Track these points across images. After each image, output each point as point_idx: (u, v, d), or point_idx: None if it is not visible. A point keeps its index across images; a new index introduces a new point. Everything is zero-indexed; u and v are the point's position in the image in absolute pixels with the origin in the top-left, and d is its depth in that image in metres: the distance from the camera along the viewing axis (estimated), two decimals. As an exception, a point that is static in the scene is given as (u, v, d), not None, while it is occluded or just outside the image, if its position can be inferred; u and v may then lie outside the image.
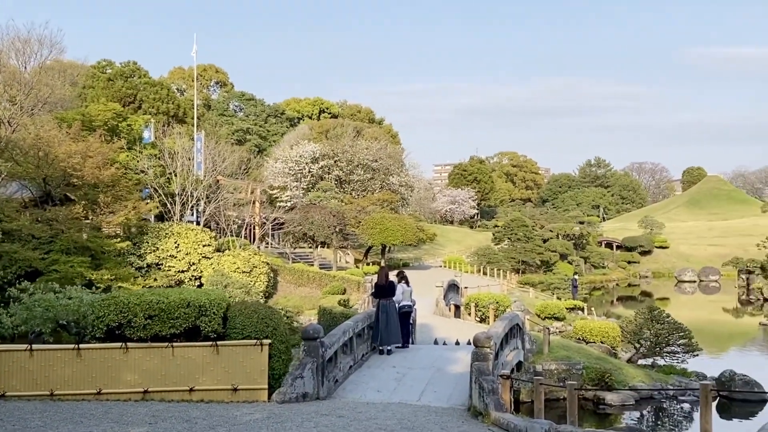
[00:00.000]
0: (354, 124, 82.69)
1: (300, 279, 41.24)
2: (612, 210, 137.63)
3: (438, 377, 14.55)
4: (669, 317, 23.84)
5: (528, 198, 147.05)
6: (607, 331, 24.53)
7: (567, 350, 21.35)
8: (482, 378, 11.94)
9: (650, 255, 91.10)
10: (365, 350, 16.33)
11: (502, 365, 15.33)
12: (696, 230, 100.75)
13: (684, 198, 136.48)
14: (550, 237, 75.35)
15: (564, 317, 34.35)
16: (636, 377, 20.66)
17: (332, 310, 23.86)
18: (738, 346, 36.34)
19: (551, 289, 48.07)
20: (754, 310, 51.66)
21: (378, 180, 68.13)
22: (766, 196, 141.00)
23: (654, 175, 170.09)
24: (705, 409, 8.54)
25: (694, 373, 22.47)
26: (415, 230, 57.03)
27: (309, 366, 13.04)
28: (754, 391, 20.00)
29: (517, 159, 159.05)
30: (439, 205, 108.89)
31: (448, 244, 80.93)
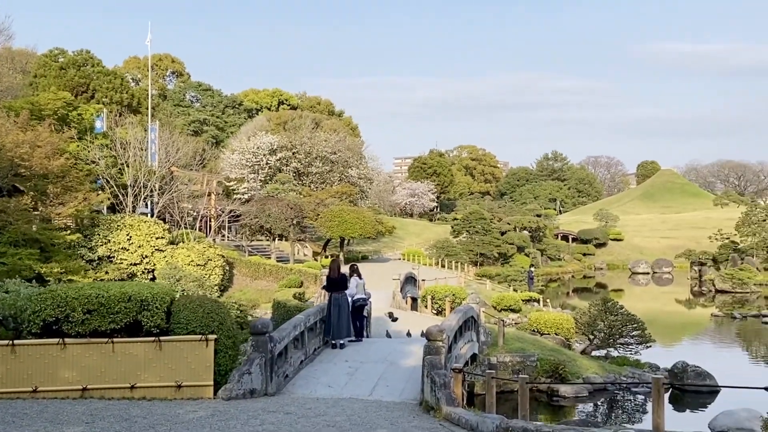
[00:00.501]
0: (313, 115, 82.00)
1: (256, 272, 40.67)
2: (568, 203, 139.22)
3: (391, 371, 14.29)
4: (623, 309, 23.95)
5: (487, 191, 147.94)
6: (562, 322, 24.57)
7: (522, 342, 21.29)
8: (434, 372, 11.70)
9: (605, 247, 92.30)
10: (317, 344, 16.00)
11: (455, 358, 15.14)
12: (650, 223, 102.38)
13: (638, 191, 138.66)
14: (507, 230, 75.80)
15: (520, 309, 34.41)
16: (590, 369, 20.68)
17: (286, 304, 23.47)
18: (690, 336, 36.88)
19: (508, 281, 48.25)
20: (706, 301, 52.59)
21: (337, 172, 67.63)
22: (718, 189, 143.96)
23: (609, 169, 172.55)
24: (657, 403, 8.40)
25: (648, 365, 22.61)
26: (374, 223, 56.68)
27: (257, 361, 12.67)
28: (706, 383, 20.16)
29: (476, 152, 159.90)
30: (399, 198, 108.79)
31: (407, 237, 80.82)
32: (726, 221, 77.04)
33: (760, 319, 38.28)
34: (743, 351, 32.20)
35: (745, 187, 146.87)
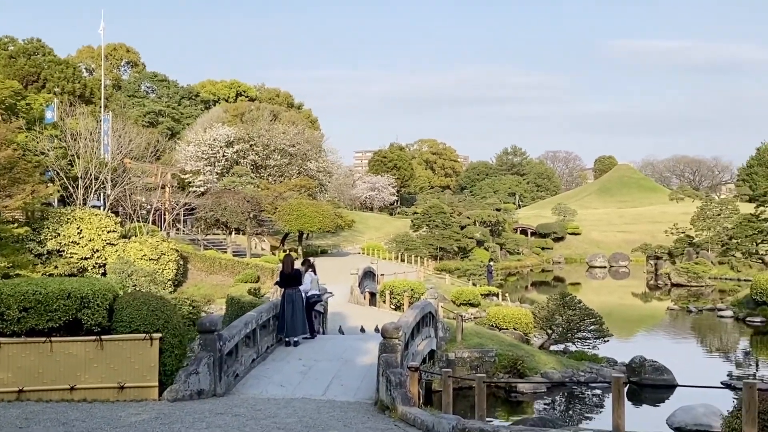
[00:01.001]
0: (271, 107, 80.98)
1: (212, 267, 39.88)
2: (527, 197, 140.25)
3: (346, 369, 13.86)
4: (580, 303, 23.89)
5: (447, 185, 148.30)
6: (520, 317, 24.42)
7: (480, 337, 21.06)
8: (389, 371, 11.32)
9: (563, 241, 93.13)
10: (270, 342, 15.48)
11: (412, 355, 14.78)
12: (607, 217, 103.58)
13: (595, 186, 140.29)
14: (467, 224, 75.92)
15: (479, 303, 34.28)
16: (548, 364, 20.53)
17: (240, 300, 22.87)
18: (647, 330, 37.18)
19: (467, 275, 48.17)
20: (662, 294, 53.24)
21: (295, 165, 66.91)
22: (673, 184, 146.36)
23: (567, 164, 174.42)
24: (618, 403, 8.12)
25: (605, 359, 22.57)
26: (333, 217, 56.23)
27: (205, 361, 12.13)
28: (664, 378, 20.14)
29: (436, 146, 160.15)
30: (359, 191, 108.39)
31: (367, 231, 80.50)
32: (681, 216, 78.22)
33: (715, 313, 38.76)
34: (699, 345, 32.54)
35: (700, 182, 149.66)
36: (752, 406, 7.32)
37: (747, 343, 32.19)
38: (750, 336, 33.13)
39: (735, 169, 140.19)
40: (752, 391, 7.37)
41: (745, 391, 7.47)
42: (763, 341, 32.12)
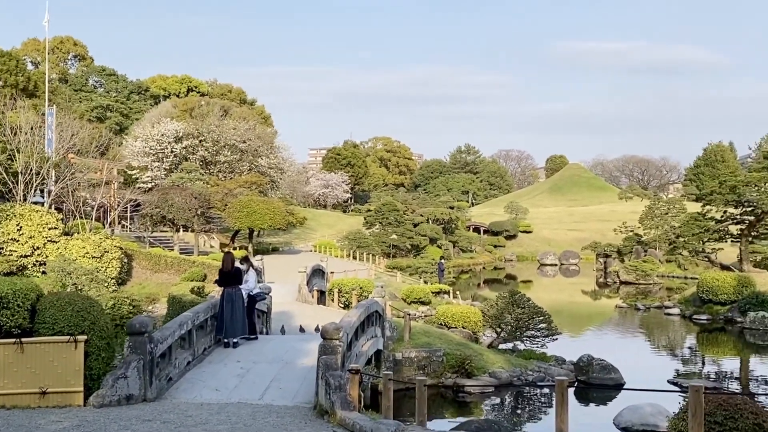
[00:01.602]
0: (221, 102, 79.68)
1: (157, 265, 38.82)
2: (480, 195, 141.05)
3: (285, 372, 13.33)
4: (530, 301, 23.75)
5: (401, 183, 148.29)
6: (469, 315, 24.17)
7: (428, 336, 20.71)
8: (329, 373, 10.84)
9: (515, 239, 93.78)
10: (208, 343, 14.86)
11: (356, 356, 14.31)
12: (557, 215, 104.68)
13: (547, 185, 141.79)
14: (420, 221, 75.84)
15: (430, 301, 34.01)
16: (496, 363, 20.28)
17: (182, 299, 22.12)
18: (596, 327, 37.39)
19: (419, 273, 47.94)
20: (611, 292, 53.79)
21: (246, 162, 65.84)
22: (623, 183, 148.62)
23: (520, 163, 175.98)
24: (561, 407, 7.79)
25: (554, 357, 22.44)
26: (284, 214, 55.48)
27: (134, 364, 11.50)
28: (611, 377, 20.06)
29: (391, 144, 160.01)
30: (313, 189, 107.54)
31: (319, 229, 79.82)
32: (630, 214, 79.24)
33: (663, 311, 39.18)
34: (647, 342, 32.79)
35: (649, 182, 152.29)
36: (698, 410, 7.06)
37: (694, 340, 32.54)
38: (696, 334, 33.52)
39: (682, 169, 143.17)
40: (698, 395, 7.10)
41: (691, 394, 7.21)
42: (709, 339, 32.50)
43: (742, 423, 8.74)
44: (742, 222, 42.12)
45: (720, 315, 35.37)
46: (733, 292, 35.35)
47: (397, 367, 18.80)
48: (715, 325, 34.79)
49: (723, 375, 24.82)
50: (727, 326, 34.06)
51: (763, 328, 32.10)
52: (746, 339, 31.16)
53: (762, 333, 31.76)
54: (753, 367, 26.63)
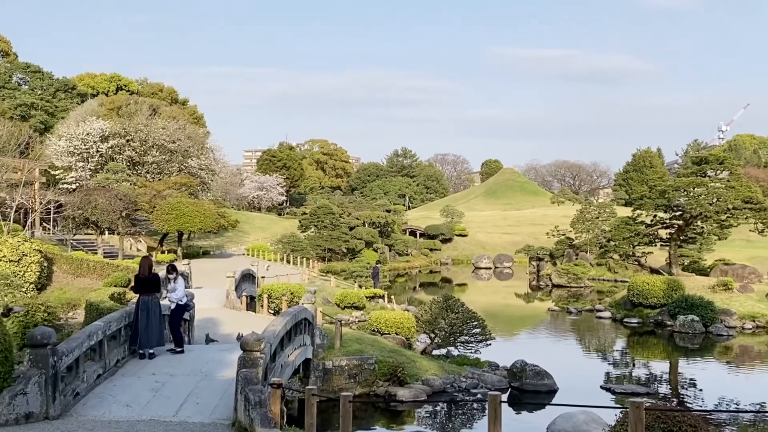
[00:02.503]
0: (150, 101, 77.30)
1: (79, 269, 37.06)
2: (417, 199, 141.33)
3: (205, 385, 12.44)
4: (463, 306, 23.34)
5: (338, 186, 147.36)
6: (403, 321, 23.61)
7: (360, 344, 20.04)
8: (249, 388, 10.06)
9: (451, 242, 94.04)
10: (122, 355, 13.84)
11: (281, 367, 13.54)
12: (492, 219, 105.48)
13: (482, 189, 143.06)
14: (356, 224, 75.12)
15: (364, 306, 33.36)
16: (429, 370, 19.75)
17: (100, 305, 20.88)
18: (530, 331, 37.39)
19: (354, 277, 47.23)
20: (544, 295, 54.19)
21: (176, 162, 63.92)
22: (555, 188, 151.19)
23: (456, 167, 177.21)
24: (494, 423, 7.23)
25: (487, 363, 22.07)
26: (215, 216, 54.01)
27: (35, 379, 10.50)
28: (544, 384, 19.77)
29: (328, 147, 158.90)
30: (247, 191, 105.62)
31: (253, 232, 78.29)
32: (562, 218, 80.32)
33: (594, 314, 39.48)
34: (579, 346, 32.87)
35: (580, 186, 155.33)
36: (639, 428, 6.60)
37: (625, 344, 32.78)
38: (627, 337, 33.80)
39: (612, 174, 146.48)
40: (638, 411, 6.64)
41: (632, 411, 6.74)
42: (640, 342, 32.80)
43: (681, 436, 8.40)
44: (672, 226, 42.89)
45: (650, 318, 35.79)
46: (662, 295, 35.82)
47: (327, 376, 18.09)
48: (645, 328, 35.18)
49: (654, 378, 24.92)
50: (657, 329, 34.47)
51: (693, 332, 32.56)
52: (676, 342, 31.53)
53: (691, 336, 32.22)
54: (682, 370, 26.88)
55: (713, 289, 37.45)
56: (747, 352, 30.05)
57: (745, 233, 62.33)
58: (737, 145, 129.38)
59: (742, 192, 39.54)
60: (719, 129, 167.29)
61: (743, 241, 69.86)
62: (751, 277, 41.57)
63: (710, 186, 40.15)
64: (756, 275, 42.21)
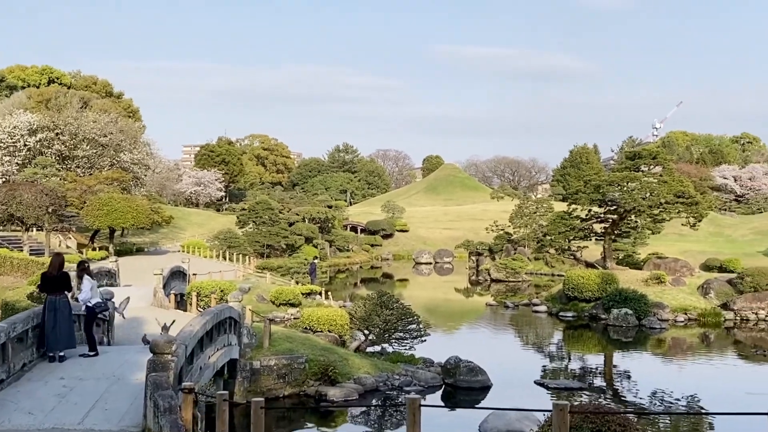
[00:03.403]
0: (81, 94, 74.85)
1: (2, 267, 35.54)
2: (358, 194, 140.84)
3: (116, 390, 11.69)
4: (398, 302, 22.95)
5: (279, 181, 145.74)
6: (336, 318, 23.07)
7: (291, 342, 19.43)
8: (158, 393, 9.41)
9: (392, 238, 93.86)
10: (30, 358, 12.96)
11: (200, 369, 12.87)
12: (433, 214, 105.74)
13: (423, 184, 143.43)
14: (296, 220, 74.20)
15: (300, 303, 32.67)
16: (362, 368, 19.27)
17: (16, 305, 19.77)
18: (467, 326, 37.33)
19: (291, 273, 46.43)
20: (482, 290, 54.36)
21: (107, 157, 61.93)
22: (495, 184, 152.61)
23: (397, 162, 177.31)
24: (413, 428, 6.76)
25: (422, 360, 21.73)
26: (148, 212, 52.59)
27: None
28: (478, 380, 19.51)
29: (268, 142, 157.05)
30: (184, 186, 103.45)
31: (189, 228, 76.56)
32: (502, 213, 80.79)
33: (531, 308, 39.65)
34: (515, 340, 32.87)
35: (519, 182, 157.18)
36: (563, 431, 6.23)
37: (560, 337, 32.94)
38: (563, 330, 33.98)
39: (550, 170, 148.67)
40: (563, 414, 6.26)
41: (555, 414, 6.37)
42: (575, 336, 33.00)
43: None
44: (606, 221, 43.43)
45: (585, 312, 36.09)
46: (597, 289, 36.15)
47: (255, 377, 17.44)
48: (580, 321, 35.44)
49: (588, 372, 25.01)
50: (591, 323, 34.75)
51: (626, 325, 32.92)
52: (610, 335, 31.81)
53: (625, 329, 32.55)
54: (616, 363, 27.09)
55: (646, 283, 37.98)
56: (679, 345, 30.52)
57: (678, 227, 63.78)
58: (670, 142, 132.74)
59: (675, 186, 40.26)
60: (653, 126, 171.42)
61: (675, 235, 71.55)
62: (683, 270, 42.39)
63: (643, 181, 40.76)
64: (688, 268, 43.09)
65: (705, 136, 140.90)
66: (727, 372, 25.28)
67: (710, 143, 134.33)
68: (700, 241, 72.94)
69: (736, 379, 23.83)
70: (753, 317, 35.17)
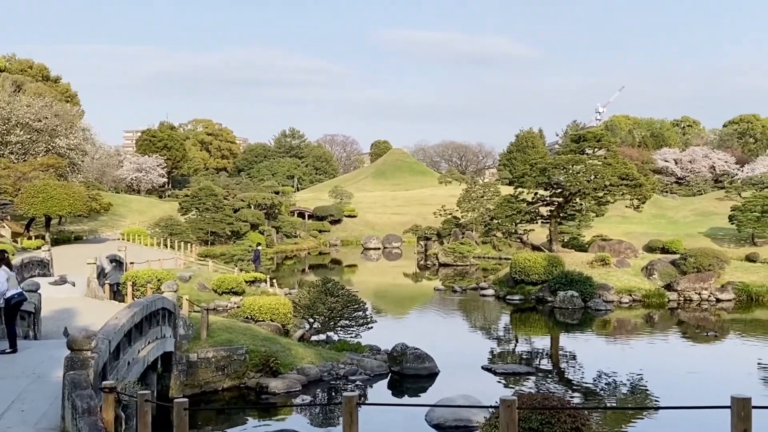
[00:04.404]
0: (14, 77, 71.88)
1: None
2: (306, 180, 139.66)
3: (35, 388, 10.84)
4: (343, 289, 22.36)
5: (224, 167, 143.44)
6: (278, 307, 22.36)
7: (231, 332, 18.67)
8: (76, 393, 8.64)
9: (340, 224, 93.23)
10: (-60, 356, 11.99)
11: (128, 365, 12.08)
12: (381, 200, 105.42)
13: (371, 169, 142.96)
14: (241, 206, 72.90)
15: (243, 291, 31.85)
16: (305, 358, 18.65)
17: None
18: (416, 311, 37.01)
19: (234, 260, 45.41)
20: (431, 274, 54.20)
21: (42, 142, 59.63)
22: (443, 168, 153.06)
23: (345, 148, 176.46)
24: (349, 427, 6.19)
25: (368, 347, 21.21)
26: (85, 199, 50.87)
27: None
28: (425, 367, 19.08)
29: (212, 127, 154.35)
30: (125, 173, 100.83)
31: (130, 215, 74.60)
32: (449, 198, 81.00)
33: (478, 292, 39.52)
34: (463, 325, 32.64)
35: (467, 167, 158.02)
36: (511, 428, 5.74)
37: (507, 321, 32.83)
38: (510, 314, 33.89)
39: (497, 155, 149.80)
40: (511, 410, 5.77)
41: (503, 410, 5.87)
42: (522, 319, 32.94)
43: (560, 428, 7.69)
44: (552, 203, 43.49)
45: (532, 295, 36.11)
46: (543, 272, 36.18)
47: (192, 370, 16.67)
48: (527, 304, 35.44)
49: (535, 354, 24.87)
50: (538, 306, 34.77)
51: (572, 307, 33.00)
52: (556, 318, 31.83)
53: (571, 311, 32.63)
54: (563, 345, 27.04)
55: (591, 265, 38.19)
56: (624, 326, 30.68)
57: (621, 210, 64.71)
58: (613, 126, 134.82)
59: (619, 169, 40.48)
60: (597, 110, 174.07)
61: (619, 217, 72.65)
62: (627, 252, 42.76)
63: (588, 163, 40.88)
64: (632, 250, 43.49)
65: (647, 120, 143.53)
66: (670, 352, 25.46)
67: (652, 127, 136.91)
68: (643, 223, 74.21)
69: (678, 359, 23.97)
70: (696, 297, 35.68)
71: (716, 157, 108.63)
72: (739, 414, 5.44)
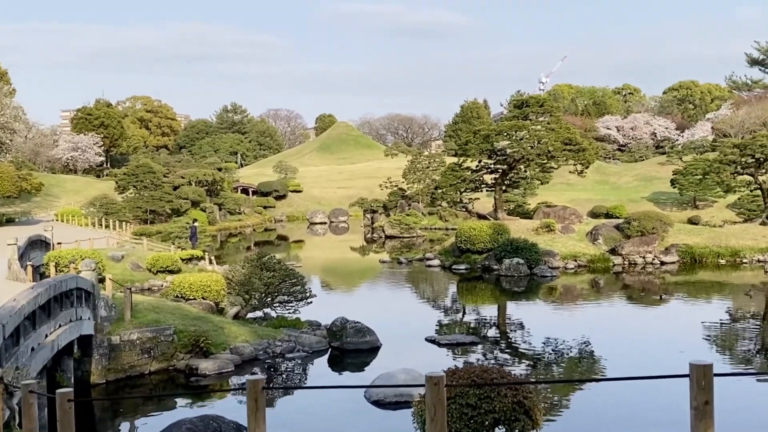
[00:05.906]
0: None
1: None
2: (250, 156, 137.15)
3: None
4: (280, 263, 21.36)
5: (165, 145, 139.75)
6: (210, 284, 21.25)
7: (158, 312, 17.54)
8: (-47, 387, 7.53)
9: (285, 199, 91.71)
10: None
11: (32, 351, 10.93)
12: (327, 174, 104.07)
13: (316, 143, 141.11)
14: (182, 184, 70.84)
15: (179, 269, 30.54)
16: (239, 336, 17.66)
17: None
18: (360, 284, 36.29)
19: (172, 238, 43.86)
20: (378, 247, 53.50)
21: (-34, 121, 56.74)
22: (389, 141, 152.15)
23: (289, 122, 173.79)
24: (254, 415, 5.29)
25: (308, 323, 20.31)
26: (14, 180, 48.59)
27: None
28: (366, 341, 18.29)
29: (151, 104, 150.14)
30: (60, 152, 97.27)
31: (65, 195, 71.92)
32: (396, 170, 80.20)
33: (424, 263, 38.95)
34: (409, 296, 32.00)
35: (413, 139, 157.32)
36: (438, 411, 4.90)
37: (453, 290, 32.32)
38: (456, 283, 33.38)
39: (443, 126, 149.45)
40: (438, 389, 4.93)
41: (429, 389, 5.03)
42: (468, 288, 32.45)
43: (500, 403, 6.95)
44: (496, 171, 43.13)
45: (478, 264, 35.65)
46: (488, 240, 35.72)
47: (114, 353, 15.53)
48: (473, 274, 34.98)
49: (482, 324, 24.39)
50: (484, 274, 34.33)
51: (518, 275, 32.63)
52: (503, 286, 31.42)
53: (516, 279, 32.26)
54: (510, 313, 26.64)
55: (537, 232, 37.94)
56: (570, 291, 30.46)
57: (565, 176, 64.91)
58: (556, 95, 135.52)
59: (562, 134, 40.25)
60: (540, 80, 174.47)
61: (563, 184, 72.97)
62: (572, 218, 42.72)
63: (531, 129, 40.55)
64: (576, 216, 43.47)
65: (589, 88, 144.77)
66: (616, 314, 25.28)
67: (594, 95, 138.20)
68: (587, 190, 74.75)
69: (625, 322, 23.76)
70: (640, 261, 35.75)
71: (657, 124, 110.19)
72: (699, 383, 4.69)
